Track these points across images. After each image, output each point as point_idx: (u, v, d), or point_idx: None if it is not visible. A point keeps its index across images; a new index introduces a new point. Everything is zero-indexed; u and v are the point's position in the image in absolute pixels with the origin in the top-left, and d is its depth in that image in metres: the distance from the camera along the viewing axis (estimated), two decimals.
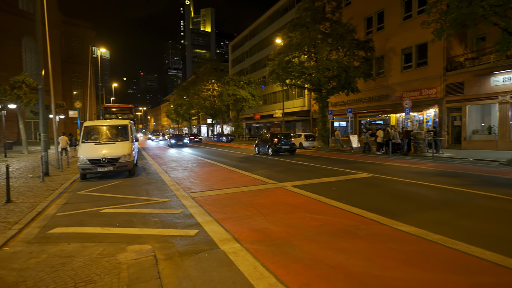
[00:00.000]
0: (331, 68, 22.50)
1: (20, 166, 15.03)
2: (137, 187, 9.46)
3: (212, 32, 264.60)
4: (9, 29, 39.05)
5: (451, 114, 21.38)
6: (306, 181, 9.64)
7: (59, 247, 4.46)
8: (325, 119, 25.60)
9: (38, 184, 9.86)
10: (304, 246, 4.40)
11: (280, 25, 45.27)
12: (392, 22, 24.98)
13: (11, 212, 6.40)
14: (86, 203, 7.43)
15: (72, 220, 6.03)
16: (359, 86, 25.21)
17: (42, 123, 11.88)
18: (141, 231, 5.27)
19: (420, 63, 22.95)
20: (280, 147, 19.32)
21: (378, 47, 25.22)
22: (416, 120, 23.87)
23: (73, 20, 53.94)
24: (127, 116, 22.54)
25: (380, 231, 4.97)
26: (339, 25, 23.19)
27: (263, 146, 20.88)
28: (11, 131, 38.05)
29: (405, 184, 8.98)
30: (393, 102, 24.66)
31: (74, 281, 3.37)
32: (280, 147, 19.32)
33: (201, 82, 54.66)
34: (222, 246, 4.46)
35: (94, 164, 10.61)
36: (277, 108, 43.31)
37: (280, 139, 19.50)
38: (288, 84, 26.11)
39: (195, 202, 7.22)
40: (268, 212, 6.23)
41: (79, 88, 54.52)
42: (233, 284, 3.39)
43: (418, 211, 6.07)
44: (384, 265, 3.73)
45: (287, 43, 24.73)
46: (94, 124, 12.20)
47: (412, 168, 12.66)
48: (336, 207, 6.49)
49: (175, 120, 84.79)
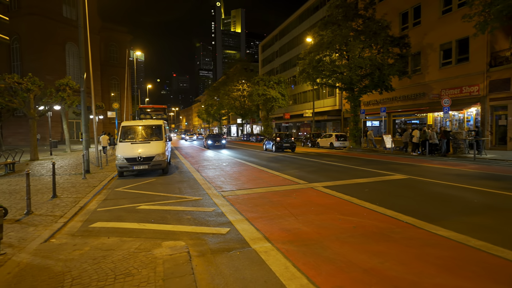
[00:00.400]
0: (363, 66, 21.88)
1: (64, 163, 16.06)
2: (171, 185, 9.78)
3: (242, 32, 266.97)
4: (54, 36, 41.85)
5: (495, 113, 19.98)
6: (338, 182, 9.46)
7: (100, 240, 4.72)
8: (357, 118, 24.94)
9: (80, 180, 10.49)
10: (336, 248, 4.33)
11: (310, 23, 44.71)
12: (429, 17, 23.81)
13: (57, 207, 6.87)
14: (124, 199, 7.80)
15: (111, 215, 6.35)
16: (394, 84, 24.28)
17: (84, 123, 12.62)
18: (175, 227, 5.45)
19: (461, 59, 21.68)
20: (281, 144, 22.77)
21: (414, 43, 24.15)
22: (455, 119, 22.59)
23: (111, 25, 56.74)
24: (161, 117, 23.33)
25: (417, 235, 4.77)
26: (372, 21, 22.49)
27: (269, 144, 24.02)
28: (56, 131, 40.79)
29: (444, 187, 8.53)
30: (430, 100, 23.51)
31: (114, 273, 3.55)
32: (282, 145, 22.76)
33: (231, 83, 55.31)
34: (253, 245, 4.50)
35: (130, 162, 11.10)
36: (307, 108, 42.83)
37: (282, 138, 23.01)
38: (319, 83, 25.73)
39: (226, 201, 7.34)
40: (299, 212, 6.19)
41: (116, 90, 57.25)
42: (265, 283, 3.41)
43: (457, 215, 5.75)
44: (421, 271, 3.58)
45: (318, 42, 24.36)
46: (130, 124, 12.77)
47: (451, 170, 12.01)
48: (369, 209, 6.31)
49: (206, 120, 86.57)
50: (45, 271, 3.66)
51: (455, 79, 21.83)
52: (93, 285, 3.27)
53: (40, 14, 40.09)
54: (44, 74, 38.67)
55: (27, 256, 4.11)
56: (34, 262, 3.92)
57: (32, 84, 16.86)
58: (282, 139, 23.00)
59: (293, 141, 23.30)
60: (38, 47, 40.21)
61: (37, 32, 40.13)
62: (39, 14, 40.00)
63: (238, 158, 18.10)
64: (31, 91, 17.00)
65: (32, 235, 4.99)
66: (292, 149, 22.96)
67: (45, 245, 4.57)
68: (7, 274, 3.60)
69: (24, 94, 17.12)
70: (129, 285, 3.27)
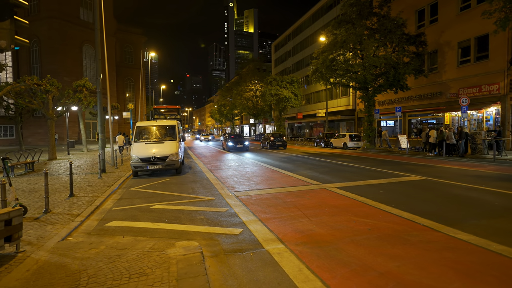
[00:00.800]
0: (378, 65, 21.51)
1: (81, 163, 16.43)
2: (184, 184, 9.85)
3: (255, 32, 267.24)
4: (72, 38, 42.93)
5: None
6: (352, 183, 9.33)
7: (115, 239, 4.79)
8: (371, 118, 24.55)
9: (96, 180, 10.70)
10: (351, 250, 4.25)
11: (324, 22, 44.33)
12: (447, 14, 23.22)
13: (74, 205, 7.02)
14: (138, 199, 7.91)
15: (126, 214, 6.44)
16: (409, 83, 23.80)
17: (100, 123, 12.87)
18: (188, 227, 5.47)
19: (480, 57, 21.05)
20: (274, 143, 27.12)
21: (431, 41, 23.60)
22: (474, 119, 21.95)
23: (126, 27, 57.78)
24: (174, 117, 23.57)
25: (434, 238, 4.64)
26: (387, 19, 22.09)
27: (264, 143, 28.56)
28: (73, 131, 41.83)
29: (462, 189, 8.29)
30: (447, 99, 22.93)
31: (129, 272, 3.59)
32: (274, 143, 27.12)
33: (244, 83, 55.42)
34: (266, 246, 4.47)
35: (145, 162, 11.25)
36: (320, 108, 42.48)
37: (275, 138, 27.54)
38: (332, 82, 25.47)
39: (239, 201, 7.34)
40: (313, 213, 6.12)
41: (131, 91, 58.26)
42: (278, 285, 3.38)
43: (477, 218, 5.57)
44: (440, 276, 3.47)
45: (332, 41, 24.12)
46: (145, 125, 12.95)
47: (470, 171, 11.66)
48: (384, 211, 6.19)
49: (218, 120, 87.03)
50: (62, 269, 3.73)
51: (473, 78, 21.21)
52: (109, 284, 3.31)
53: (58, 17, 41.19)
54: (62, 75, 39.73)
55: (45, 254, 4.20)
56: (51, 260, 4.00)
57: (51, 86, 17.32)
58: (275, 138, 27.42)
59: (284, 140, 27.65)
60: (57, 49, 41.32)
61: (56, 35, 41.24)
62: (58, 17, 41.11)
63: (251, 158, 18.10)
64: (49, 92, 17.46)
65: (50, 233, 5.11)
66: (284, 146, 27.23)
67: (63, 243, 4.67)
68: (26, 272, 3.69)
69: (43, 95, 17.62)
70: (143, 284, 3.30)
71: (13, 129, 42.05)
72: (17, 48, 4.60)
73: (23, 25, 4.89)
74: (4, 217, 3.97)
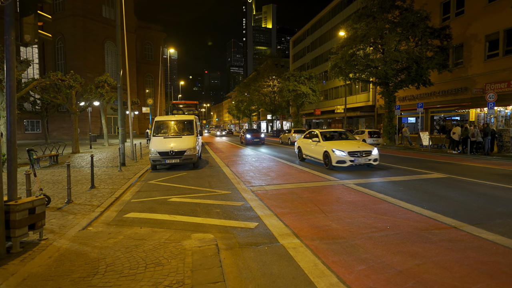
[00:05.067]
0: (400, 60, 20.86)
1: (102, 156, 16.89)
2: (201, 179, 9.94)
3: (273, 28, 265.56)
4: (95, 35, 44.09)
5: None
6: (370, 180, 9.13)
7: (133, 230, 4.88)
8: (391, 114, 23.90)
9: (116, 173, 10.96)
10: (368, 247, 4.15)
11: (343, 17, 43.45)
12: (474, 6, 22.21)
13: (94, 197, 7.22)
14: (156, 191, 8.04)
15: (144, 206, 6.56)
16: (432, 79, 22.97)
17: (120, 118, 13.16)
18: (204, 220, 5.51)
19: (509, 51, 20.04)
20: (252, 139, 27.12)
21: (456, 35, 22.66)
22: (501, 115, 20.98)
23: (146, 24, 58.72)
24: (192, 112, 23.81)
25: (457, 237, 4.46)
26: (410, 12, 21.34)
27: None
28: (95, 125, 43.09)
29: (487, 187, 7.93)
30: (473, 95, 22.00)
31: (145, 262, 3.65)
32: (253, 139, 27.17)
33: (262, 79, 55.24)
34: (281, 241, 4.43)
35: (163, 156, 11.42)
36: (339, 104, 41.80)
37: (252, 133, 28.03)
38: (352, 78, 24.92)
39: (255, 196, 7.32)
40: (329, 209, 6.03)
41: (151, 86, 59.32)
42: (293, 280, 3.34)
43: (503, 218, 5.31)
44: (462, 276, 3.33)
45: (351, 35, 23.57)
46: (163, 119, 13.14)
47: (495, 169, 11.16)
48: (404, 208, 6.01)
49: (236, 116, 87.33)
50: (82, 256, 3.84)
51: (502, 72, 20.24)
52: (125, 273, 3.37)
53: (82, 15, 42.38)
54: (85, 71, 40.93)
55: (66, 242, 4.34)
56: (72, 248, 4.12)
57: (74, 81, 17.86)
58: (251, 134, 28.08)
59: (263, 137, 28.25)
60: (80, 46, 42.57)
61: (79, 32, 42.48)
62: (81, 15, 42.30)
63: (267, 154, 18.05)
64: (73, 88, 18.01)
65: (72, 222, 5.27)
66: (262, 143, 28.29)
67: (83, 232, 4.81)
68: (48, 258, 3.81)
69: (66, 90, 18.19)
70: (159, 274, 3.34)
71: (39, 123, 43.84)
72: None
73: (46, 20, 5.02)
74: (28, 205, 4.12)
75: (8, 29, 4.22)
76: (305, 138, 14.01)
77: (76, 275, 3.36)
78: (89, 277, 3.29)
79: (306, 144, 13.49)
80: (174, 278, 3.25)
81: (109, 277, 3.29)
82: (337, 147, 11.03)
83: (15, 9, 4.38)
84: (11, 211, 3.92)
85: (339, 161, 10.71)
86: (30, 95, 28.21)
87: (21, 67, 12.26)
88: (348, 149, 10.85)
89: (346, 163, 10.68)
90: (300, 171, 11.23)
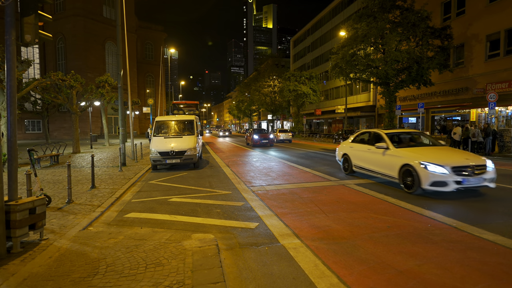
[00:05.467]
0: (400, 60, 20.83)
1: (103, 156, 16.90)
2: (201, 179, 9.94)
3: (273, 28, 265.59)
4: (95, 35, 44.11)
5: None
6: (371, 180, 9.12)
7: (133, 230, 4.88)
8: (392, 114, 23.88)
9: (117, 173, 10.97)
10: (369, 247, 4.14)
11: (344, 17, 43.44)
12: (475, 5, 22.19)
13: (95, 197, 7.22)
14: (157, 191, 8.04)
15: (144, 206, 6.56)
16: (433, 79, 22.94)
17: (120, 118, 13.17)
18: (204, 220, 5.51)
19: (510, 51, 20.01)
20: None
21: (457, 35, 22.63)
22: (502, 115, 20.95)
23: (147, 24, 58.74)
24: (193, 112, 23.79)
25: (458, 237, 4.45)
26: (411, 12, 21.32)
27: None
28: (96, 125, 43.11)
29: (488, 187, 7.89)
30: (474, 95, 21.97)
31: (146, 262, 3.65)
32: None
33: (262, 79, 55.25)
34: (282, 241, 4.43)
35: (163, 156, 11.42)
36: (340, 104, 41.77)
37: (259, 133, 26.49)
38: (352, 78, 24.91)
39: (255, 196, 7.32)
40: (330, 209, 6.02)
41: (151, 86, 59.33)
42: (293, 280, 3.34)
43: (504, 218, 5.30)
44: (463, 276, 3.32)
45: (352, 35, 23.55)
46: (164, 119, 13.15)
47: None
48: (405, 208, 6.00)
49: (236, 116, 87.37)
50: (82, 257, 3.84)
51: (503, 72, 20.22)
52: (126, 273, 3.37)
53: (83, 15, 42.40)
54: (86, 71, 40.95)
55: (67, 242, 4.34)
56: (72, 248, 4.12)
57: (75, 81, 17.87)
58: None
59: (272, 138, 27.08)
60: (81, 46, 42.59)
61: (80, 32, 42.50)
62: (82, 15, 42.33)
63: (267, 154, 18.04)
64: (73, 88, 18.03)
65: (72, 222, 5.27)
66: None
67: (83, 232, 4.81)
68: (49, 258, 3.81)
69: (67, 90, 18.21)
70: (159, 274, 3.34)
71: (40, 123, 43.89)
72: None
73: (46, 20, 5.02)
74: (28, 205, 4.12)
75: (8, 29, 4.23)
76: (354, 142, 10.13)
77: (77, 275, 3.36)
78: (89, 277, 3.29)
79: (360, 152, 9.48)
80: (174, 278, 3.24)
81: (109, 277, 3.29)
82: (429, 159, 6.93)
83: (15, 9, 4.38)
84: (12, 211, 3.92)
85: (436, 182, 6.63)
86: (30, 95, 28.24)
87: (21, 67, 12.28)
88: (449, 162, 6.81)
89: (448, 185, 6.61)
90: (301, 171, 11.19)
